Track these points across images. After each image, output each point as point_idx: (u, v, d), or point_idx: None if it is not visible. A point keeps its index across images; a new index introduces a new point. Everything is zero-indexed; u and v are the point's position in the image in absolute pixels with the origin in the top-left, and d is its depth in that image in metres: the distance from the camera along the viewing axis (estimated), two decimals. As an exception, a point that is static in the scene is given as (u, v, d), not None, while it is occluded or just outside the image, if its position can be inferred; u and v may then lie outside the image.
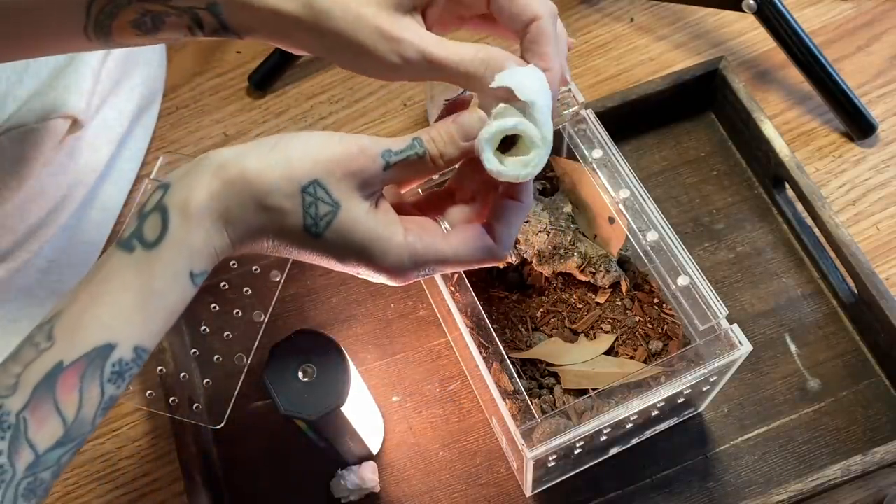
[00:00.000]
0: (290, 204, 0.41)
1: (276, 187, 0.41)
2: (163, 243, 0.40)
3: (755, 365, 0.67)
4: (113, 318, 0.39)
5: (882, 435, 0.64)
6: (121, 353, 0.40)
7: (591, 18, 0.87)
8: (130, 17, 0.45)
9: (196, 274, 0.41)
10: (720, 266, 0.72)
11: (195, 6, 0.44)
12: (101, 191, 0.77)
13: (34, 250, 0.69)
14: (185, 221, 0.40)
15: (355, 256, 0.43)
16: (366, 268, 0.44)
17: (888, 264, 0.72)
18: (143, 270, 0.40)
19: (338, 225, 0.42)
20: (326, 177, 0.41)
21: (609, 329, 0.62)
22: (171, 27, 0.46)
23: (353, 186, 0.42)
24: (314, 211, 0.41)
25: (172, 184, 0.41)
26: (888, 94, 0.79)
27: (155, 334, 0.41)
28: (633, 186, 0.56)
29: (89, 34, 0.46)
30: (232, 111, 0.85)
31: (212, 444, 0.67)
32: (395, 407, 0.68)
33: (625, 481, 0.64)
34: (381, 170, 0.42)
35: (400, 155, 0.43)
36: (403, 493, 0.65)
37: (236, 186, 0.41)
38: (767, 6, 0.74)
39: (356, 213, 0.42)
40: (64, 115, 0.65)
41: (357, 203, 0.42)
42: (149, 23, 0.46)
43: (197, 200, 0.40)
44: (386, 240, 0.43)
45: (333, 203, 0.42)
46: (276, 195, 0.41)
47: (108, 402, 0.40)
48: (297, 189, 0.41)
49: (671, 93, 0.75)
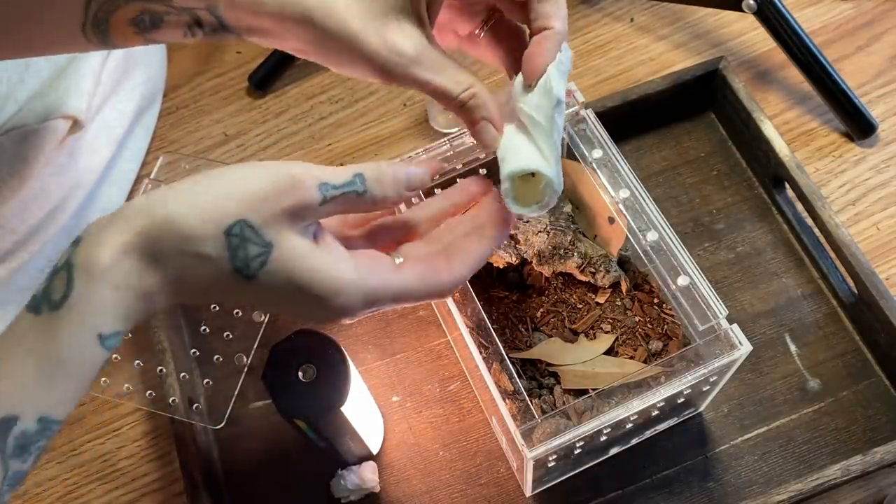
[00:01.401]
0: (215, 249, 0.37)
1: (197, 233, 0.37)
2: (66, 304, 0.36)
3: (755, 365, 0.67)
4: (14, 388, 0.36)
5: (882, 435, 0.64)
6: (24, 426, 0.36)
7: (591, 18, 0.87)
8: (129, 15, 0.44)
9: (106, 335, 0.37)
10: (720, 266, 0.72)
11: (194, 6, 0.44)
12: (101, 191, 0.77)
13: (34, 251, 0.69)
14: (89, 279, 0.36)
15: (301, 297, 0.39)
16: (315, 308, 0.40)
17: (888, 264, 0.72)
18: (46, 334, 0.36)
19: (273, 266, 0.38)
20: (253, 215, 0.38)
21: (609, 329, 0.62)
22: (169, 26, 0.45)
23: (287, 222, 0.39)
24: (243, 253, 0.38)
25: (84, 237, 0.37)
26: (888, 94, 0.79)
27: (65, 402, 0.37)
28: (633, 186, 0.56)
29: (87, 33, 0.45)
30: (232, 111, 0.85)
31: (212, 443, 0.67)
32: (395, 407, 0.68)
33: (625, 481, 0.64)
34: (317, 204, 0.39)
35: (338, 190, 0.40)
36: (403, 493, 0.65)
37: (159, 232, 0.37)
38: (767, 6, 0.74)
39: (294, 251, 0.39)
40: (64, 116, 0.65)
41: (293, 239, 0.39)
42: (147, 21, 0.45)
43: (105, 255, 0.36)
44: (335, 278, 0.40)
45: (264, 243, 0.38)
46: (196, 241, 0.37)
47: (12, 478, 0.36)
48: (220, 233, 0.37)
49: (671, 93, 0.75)
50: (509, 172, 0.46)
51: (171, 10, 0.44)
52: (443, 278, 0.43)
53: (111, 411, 0.71)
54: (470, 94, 0.46)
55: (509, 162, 0.46)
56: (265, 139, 0.83)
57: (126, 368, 0.70)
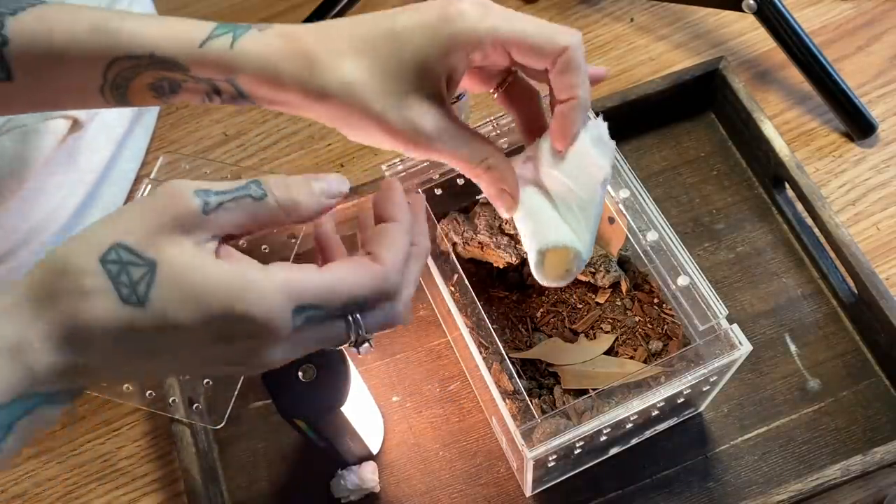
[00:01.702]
0: (95, 282, 0.34)
1: (72, 266, 0.34)
2: None
3: (755, 365, 0.67)
4: None
5: (882, 435, 0.64)
6: None
7: (591, 18, 0.87)
8: (147, 80, 0.44)
9: None
10: (720, 266, 0.72)
11: (213, 77, 0.44)
12: (101, 191, 0.77)
13: (34, 250, 0.69)
14: None
15: (205, 314, 0.35)
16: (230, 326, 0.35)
17: (888, 264, 0.72)
18: None
19: (162, 283, 0.34)
20: (129, 237, 0.35)
21: (609, 329, 0.62)
22: (188, 92, 0.45)
23: (170, 237, 0.35)
24: (126, 278, 0.34)
25: None
26: (888, 94, 0.79)
27: None
28: (633, 186, 0.56)
29: (105, 95, 0.45)
30: (232, 111, 0.85)
31: (212, 443, 0.67)
32: (395, 407, 0.68)
33: (625, 481, 0.64)
34: (199, 211, 0.36)
35: (225, 196, 0.37)
36: (403, 493, 0.65)
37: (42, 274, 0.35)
38: (767, 6, 0.74)
39: (184, 264, 0.35)
40: (64, 116, 0.65)
41: (183, 252, 0.35)
42: (166, 87, 0.45)
43: None
44: (249, 280, 0.35)
45: (146, 262, 0.35)
46: (74, 276, 0.34)
47: None
48: (95, 262, 0.34)
49: (671, 93, 0.75)
50: (540, 248, 0.47)
51: (189, 79, 0.44)
52: (374, 268, 0.39)
53: (111, 411, 0.71)
54: (486, 166, 0.47)
55: (540, 236, 0.48)
56: (265, 139, 0.83)
57: (126, 368, 0.70)
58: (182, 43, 0.43)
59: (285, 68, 0.43)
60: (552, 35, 0.44)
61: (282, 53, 0.43)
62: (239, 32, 0.44)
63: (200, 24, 0.44)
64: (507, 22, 0.44)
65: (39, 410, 0.36)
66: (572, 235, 0.47)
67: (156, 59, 0.43)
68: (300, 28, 0.45)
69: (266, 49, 0.43)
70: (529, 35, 0.44)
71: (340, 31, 0.44)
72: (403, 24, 0.43)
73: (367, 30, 0.44)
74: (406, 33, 0.43)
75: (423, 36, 0.43)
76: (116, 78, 0.44)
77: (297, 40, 0.44)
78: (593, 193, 0.47)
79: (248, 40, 0.44)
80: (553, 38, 0.44)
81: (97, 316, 0.34)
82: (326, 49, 0.43)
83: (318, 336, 0.39)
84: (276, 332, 0.36)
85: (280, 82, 0.44)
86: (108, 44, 0.43)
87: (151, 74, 0.44)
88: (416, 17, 0.44)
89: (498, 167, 0.47)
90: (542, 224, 0.48)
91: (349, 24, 0.45)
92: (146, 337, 0.35)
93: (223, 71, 0.44)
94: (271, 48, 0.43)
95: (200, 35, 0.43)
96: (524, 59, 0.45)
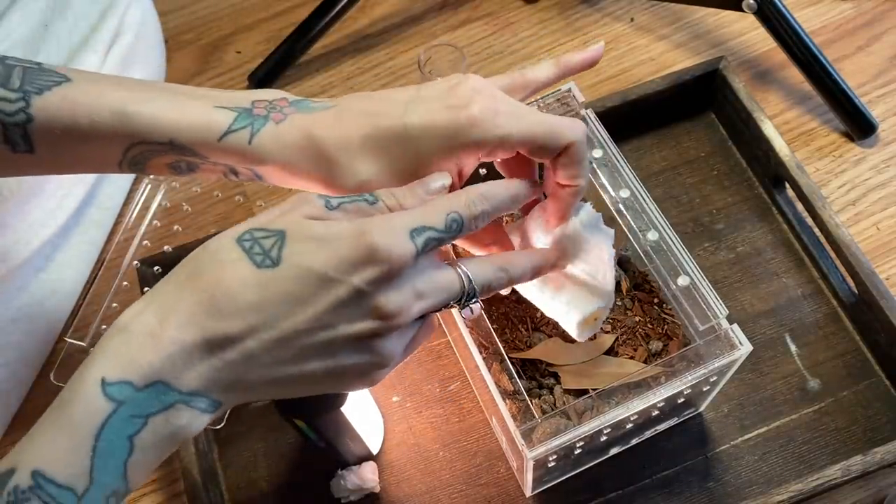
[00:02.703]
0: (229, 255, 0.38)
1: (208, 249, 0.39)
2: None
3: (755, 365, 0.67)
4: (26, 438, 0.35)
5: (882, 435, 0.64)
6: (18, 480, 0.34)
7: (591, 18, 0.87)
8: (166, 161, 0.46)
9: (109, 382, 0.35)
10: (720, 266, 0.72)
11: (233, 165, 0.46)
12: (100, 190, 0.77)
13: (34, 249, 0.69)
14: (113, 329, 0.37)
15: (340, 251, 0.38)
16: (363, 255, 0.38)
17: (888, 264, 0.72)
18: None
19: (293, 240, 0.39)
20: (259, 224, 0.40)
21: (609, 329, 0.62)
22: (206, 171, 0.47)
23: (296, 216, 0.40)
24: (259, 248, 0.38)
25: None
26: (888, 94, 0.79)
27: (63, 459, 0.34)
28: (633, 186, 0.56)
29: (122, 168, 0.47)
30: (232, 111, 0.85)
31: (212, 443, 0.67)
32: (395, 407, 0.68)
33: (625, 481, 0.64)
34: (322, 206, 0.40)
35: (342, 199, 0.41)
36: (403, 493, 0.65)
37: (183, 265, 0.40)
38: (767, 6, 0.74)
39: (313, 222, 0.39)
40: None
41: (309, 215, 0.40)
42: (184, 167, 0.47)
43: (128, 315, 0.38)
44: (369, 219, 0.40)
45: (275, 232, 0.39)
46: (209, 254, 0.39)
47: None
48: (230, 242, 0.39)
49: (671, 93, 0.75)
50: (580, 321, 0.53)
51: (207, 163, 0.46)
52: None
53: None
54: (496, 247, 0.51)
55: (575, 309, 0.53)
56: (265, 139, 0.83)
57: (126, 368, 0.70)
58: (201, 133, 0.44)
59: (304, 167, 0.45)
60: (559, 134, 0.46)
61: (300, 153, 0.45)
62: (257, 126, 0.45)
63: (219, 113, 0.45)
64: (517, 125, 0.45)
65: (176, 409, 0.37)
66: (598, 299, 0.53)
67: (175, 147, 0.45)
68: (316, 121, 0.45)
69: (284, 149, 0.45)
70: (538, 137, 0.45)
71: (357, 129, 0.45)
72: (415, 126, 0.44)
73: (380, 131, 0.45)
74: (418, 138, 0.44)
75: (435, 142, 0.45)
76: (135, 157, 0.46)
77: (314, 140, 0.45)
78: (601, 265, 0.52)
79: (265, 137, 0.45)
80: (560, 137, 0.46)
81: (237, 278, 0.38)
82: (342, 149, 0.45)
83: (434, 279, 0.41)
84: (400, 257, 0.39)
85: (299, 175, 0.45)
86: (128, 130, 0.44)
87: (170, 157, 0.46)
88: (426, 118, 0.44)
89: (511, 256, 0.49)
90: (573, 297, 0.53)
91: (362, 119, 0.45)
92: (283, 292, 0.38)
93: (242, 161, 0.45)
94: (289, 148, 0.45)
95: (219, 128, 0.44)
96: (531, 155, 0.47)
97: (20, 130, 0.44)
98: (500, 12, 0.89)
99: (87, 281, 0.75)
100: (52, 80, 0.44)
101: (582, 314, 0.53)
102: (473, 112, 0.44)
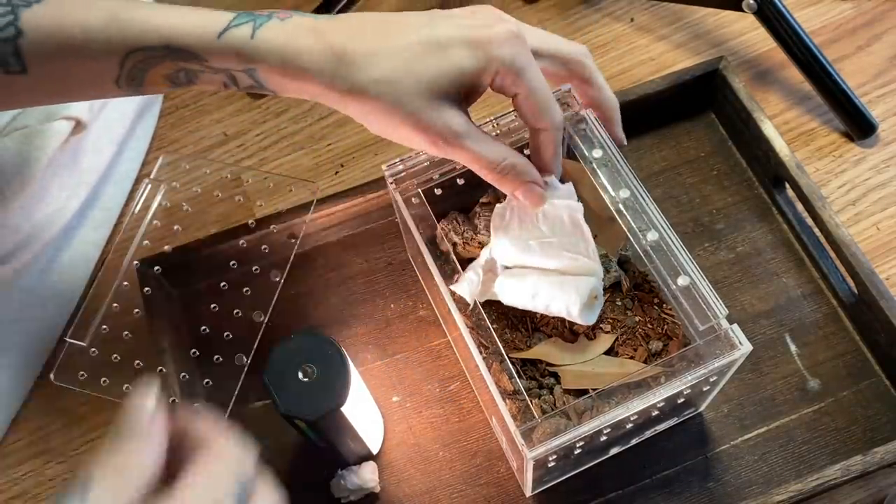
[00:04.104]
0: None
1: None
2: None
3: (755, 365, 0.67)
4: None
5: (882, 435, 0.64)
6: None
7: (591, 18, 0.87)
8: (164, 71, 0.45)
9: None
10: (720, 266, 0.72)
11: (232, 68, 0.44)
12: (102, 191, 0.77)
13: (37, 250, 0.69)
14: None
15: None
16: None
17: (888, 264, 0.72)
18: None
19: None
20: None
21: (609, 329, 0.62)
22: (204, 82, 0.46)
23: None
24: None
25: None
26: (888, 94, 0.79)
27: None
28: (633, 186, 0.56)
29: (120, 84, 0.45)
30: (231, 111, 0.85)
31: (212, 444, 0.67)
32: (395, 407, 0.68)
33: (625, 481, 0.64)
34: None
35: None
36: (403, 493, 0.65)
37: None
38: (767, 6, 0.74)
39: None
40: (67, 117, 0.65)
41: None
42: (182, 78, 0.46)
43: None
44: None
45: None
46: None
47: None
48: None
49: (671, 93, 0.75)
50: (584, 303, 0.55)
51: (206, 69, 0.45)
52: None
53: (111, 411, 0.71)
54: (509, 165, 0.50)
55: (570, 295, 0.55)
56: (265, 139, 0.83)
57: (126, 368, 0.70)
58: (199, 33, 0.43)
59: (311, 63, 0.44)
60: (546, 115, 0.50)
61: (308, 48, 0.44)
62: (260, 22, 0.44)
63: (219, 14, 0.44)
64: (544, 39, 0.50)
65: None
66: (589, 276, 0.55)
67: (172, 50, 0.43)
68: (328, 22, 0.45)
69: (290, 42, 0.43)
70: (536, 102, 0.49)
71: (376, 31, 0.45)
72: (447, 34, 0.46)
73: (405, 34, 0.45)
74: (449, 43, 0.45)
75: (468, 49, 0.46)
76: (133, 69, 0.44)
77: (325, 36, 0.44)
78: (581, 242, 0.55)
79: (270, 30, 0.43)
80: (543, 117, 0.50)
81: None
82: (359, 49, 0.44)
83: None
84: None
85: (303, 76, 0.44)
86: (123, 36, 0.43)
87: (168, 66, 0.44)
88: (461, 31, 0.46)
89: (519, 165, 0.50)
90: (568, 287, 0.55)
91: (385, 25, 0.46)
92: None
93: (243, 61, 0.44)
94: (296, 42, 0.44)
95: (219, 25, 0.43)
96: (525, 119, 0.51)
97: (11, 47, 0.42)
98: (500, 12, 0.89)
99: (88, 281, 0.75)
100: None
101: (581, 298, 0.55)
102: (510, 27, 0.47)
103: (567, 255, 0.55)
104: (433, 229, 0.57)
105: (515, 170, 0.50)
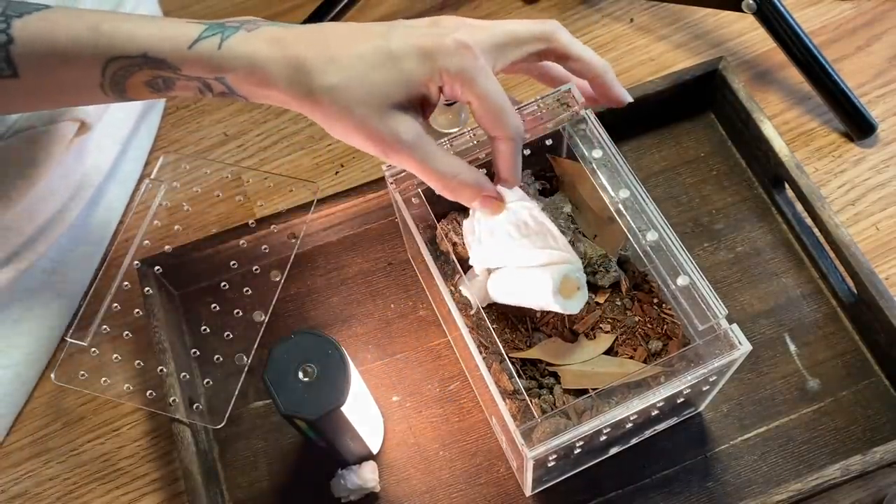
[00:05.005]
0: None
1: None
2: None
3: (755, 365, 0.67)
4: None
5: (882, 435, 0.64)
6: None
7: (591, 18, 0.87)
8: (143, 78, 0.48)
9: None
10: (720, 266, 0.72)
11: (204, 76, 0.48)
12: (106, 191, 0.77)
13: (41, 251, 0.69)
14: None
15: None
16: None
17: (888, 264, 0.72)
18: None
19: None
20: None
21: (609, 329, 0.62)
22: (181, 88, 0.49)
23: None
24: None
25: None
26: (888, 94, 0.79)
27: None
28: (633, 186, 0.56)
29: (105, 91, 0.49)
30: (232, 111, 0.85)
31: (212, 443, 0.67)
32: (395, 407, 0.68)
33: (625, 481, 0.64)
34: None
35: None
36: (403, 493, 0.65)
37: None
38: (767, 6, 0.74)
39: None
40: (73, 118, 0.65)
41: None
42: (161, 84, 0.49)
43: None
44: None
45: None
46: None
47: None
48: None
49: (671, 93, 0.75)
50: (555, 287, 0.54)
51: (181, 77, 0.48)
52: None
53: (111, 411, 0.71)
54: (459, 181, 0.50)
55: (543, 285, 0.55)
56: (265, 139, 0.83)
57: (126, 368, 0.70)
58: (172, 44, 0.47)
59: (272, 70, 0.47)
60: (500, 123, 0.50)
61: (270, 56, 0.47)
62: (228, 33, 0.47)
63: (191, 25, 0.47)
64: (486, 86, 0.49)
65: None
66: (563, 263, 0.55)
67: (149, 59, 0.47)
68: (290, 32, 0.48)
69: (253, 52, 0.47)
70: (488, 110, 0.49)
71: (335, 41, 0.47)
72: (399, 44, 0.47)
73: (361, 43, 0.47)
74: (400, 53, 0.47)
75: (416, 59, 0.47)
76: (114, 76, 0.48)
77: (287, 46, 0.47)
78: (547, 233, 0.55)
79: (235, 41, 0.47)
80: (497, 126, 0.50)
81: None
82: (316, 55, 0.47)
83: None
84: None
85: (266, 83, 0.47)
86: (105, 44, 0.47)
87: (146, 73, 0.48)
88: (412, 40, 0.48)
89: (471, 180, 0.51)
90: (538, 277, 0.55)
91: (344, 36, 0.48)
92: None
93: (212, 70, 0.47)
94: (260, 51, 0.47)
95: (190, 36, 0.47)
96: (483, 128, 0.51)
97: (3, 52, 0.46)
98: (499, 13, 0.89)
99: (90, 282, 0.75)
100: (33, 6, 0.47)
101: (554, 283, 0.54)
102: (459, 36, 0.47)
103: (540, 252, 0.55)
104: (433, 229, 0.57)
105: (467, 185, 0.51)
